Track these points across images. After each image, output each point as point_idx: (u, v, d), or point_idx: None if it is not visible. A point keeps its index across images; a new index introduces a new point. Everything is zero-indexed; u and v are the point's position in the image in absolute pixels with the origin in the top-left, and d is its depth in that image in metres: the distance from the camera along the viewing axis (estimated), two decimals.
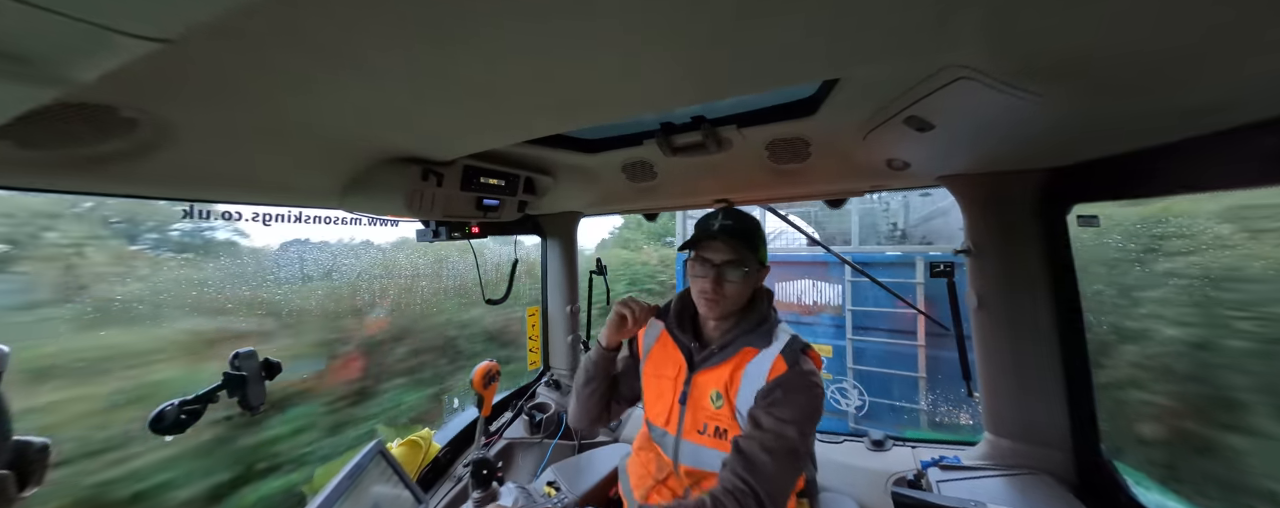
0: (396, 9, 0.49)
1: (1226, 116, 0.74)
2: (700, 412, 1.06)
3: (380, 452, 1.13)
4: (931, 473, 1.33)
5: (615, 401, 1.26)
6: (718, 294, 1.01)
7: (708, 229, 1.02)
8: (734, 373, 1.02)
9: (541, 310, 2.27)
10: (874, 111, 1.04)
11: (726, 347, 1.04)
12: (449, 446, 1.67)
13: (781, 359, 0.98)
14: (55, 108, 0.60)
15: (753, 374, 0.99)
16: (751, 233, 1.03)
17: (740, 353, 1.03)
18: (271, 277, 2.82)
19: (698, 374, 1.07)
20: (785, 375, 0.96)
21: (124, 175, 0.82)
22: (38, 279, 2.10)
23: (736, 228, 1.01)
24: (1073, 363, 1.24)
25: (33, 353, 1.88)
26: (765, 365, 0.98)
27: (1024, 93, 0.72)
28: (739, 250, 1.00)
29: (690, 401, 1.07)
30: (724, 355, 1.04)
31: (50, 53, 0.37)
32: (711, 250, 1.02)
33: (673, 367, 1.12)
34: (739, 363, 1.02)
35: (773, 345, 1.01)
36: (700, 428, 1.05)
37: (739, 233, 1.01)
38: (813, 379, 0.97)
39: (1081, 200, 1.19)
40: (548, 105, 0.83)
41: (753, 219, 1.05)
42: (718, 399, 1.03)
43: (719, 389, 1.03)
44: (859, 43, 0.61)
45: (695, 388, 1.07)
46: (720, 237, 1.00)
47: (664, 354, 1.16)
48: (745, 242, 1.00)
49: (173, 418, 0.89)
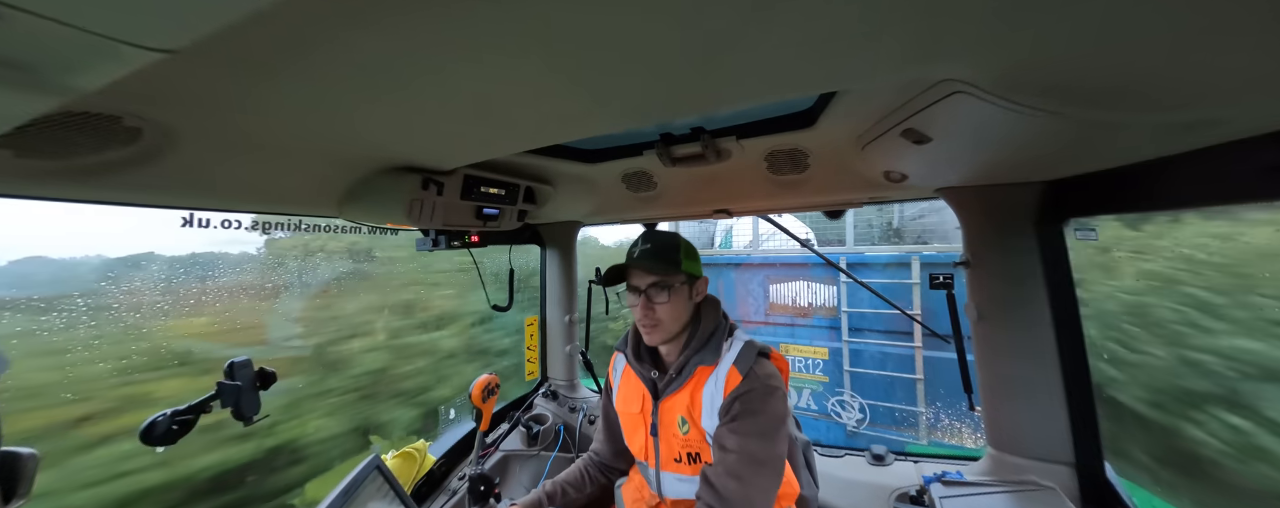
0: (399, 22, 0.49)
1: (1221, 131, 0.75)
2: (673, 440, 1.05)
3: (377, 467, 1.11)
4: (934, 489, 1.31)
5: (617, 455, 1.26)
6: (652, 318, 1.02)
7: (630, 257, 1.05)
8: (693, 395, 1.01)
9: (540, 320, 2.26)
10: (871, 124, 1.05)
11: (682, 370, 1.04)
12: (444, 458, 1.64)
13: (735, 370, 0.98)
14: (57, 116, 0.61)
15: (711, 392, 0.99)
16: (672, 249, 1.04)
17: (696, 374, 1.03)
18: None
19: (662, 402, 1.06)
20: (741, 386, 0.95)
21: (123, 184, 0.82)
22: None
23: (654, 249, 1.03)
24: (1073, 376, 1.23)
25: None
26: (721, 381, 0.98)
27: (1019, 106, 0.72)
28: (660, 271, 1.01)
29: (661, 431, 1.07)
30: (681, 380, 1.04)
31: (56, 62, 0.37)
32: (636, 277, 1.04)
33: (638, 399, 1.12)
34: (697, 384, 1.02)
35: (724, 359, 1.01)
36: (676, 457, 1.05)
37: (657, 253, 1.03)
38: (770, 383, 0.96)
39: (1079, 213, 1.20)
40: (548, 116, 0.83)
41: (673, 235, 1.07)
42: (684, 425, 1.03)
43: (683, 415, 1.03)
44: (854, 58, 0.62)
45: (663, 416, 1.07)
46: (640, 262, 1.02)
47: (629, 388, 1.16)
48: (665, 260, 1.02)
49: (164, 428, 0.88)
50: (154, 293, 2.50)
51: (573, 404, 2.10)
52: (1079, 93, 0.68)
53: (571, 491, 1.18)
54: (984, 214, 1.33)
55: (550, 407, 2.09)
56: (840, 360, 4.50)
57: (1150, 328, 2.84)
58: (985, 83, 0.69)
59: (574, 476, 1.22)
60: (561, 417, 2.04)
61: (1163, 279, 2.93)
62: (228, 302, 2.80)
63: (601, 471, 1.25)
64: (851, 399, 4.45)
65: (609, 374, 1.26)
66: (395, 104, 0.74)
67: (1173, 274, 2.88)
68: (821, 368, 4.65)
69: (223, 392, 0.97)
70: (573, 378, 2.25)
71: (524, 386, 2.26)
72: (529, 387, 2.24)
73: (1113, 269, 3.09)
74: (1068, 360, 1.23)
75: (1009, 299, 1.30)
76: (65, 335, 2.08)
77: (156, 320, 2.47)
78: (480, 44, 0.55)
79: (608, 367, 1.28)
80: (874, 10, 0.50)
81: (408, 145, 1.00)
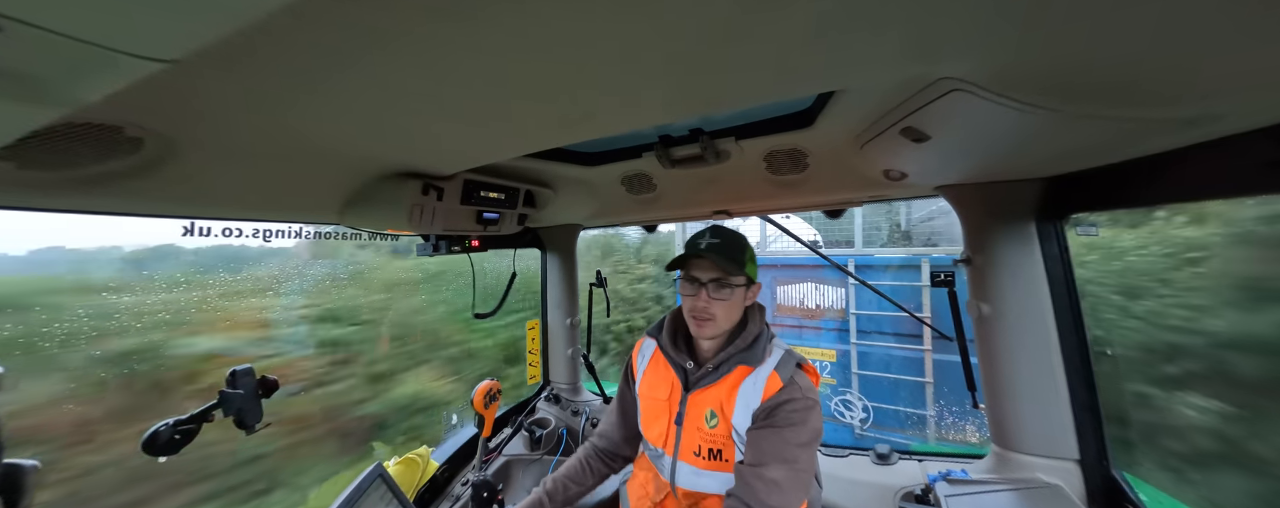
0: (400, 29, 0.50)
1: (1219, 126, 0.75)
2: (696, 433, 1.04)
3: (380, 475, 1.11)
4: (939, 488, 1.31)
5: (626, 441, 1.25)
6: (708, 312, 1.01)
7: (696, 247, 1.03)
8: (729, 393, 1.01)
9: (541, 324, 2.26)
10: (870, 123, 1.05)
11: (721, 366, 1.03)
12: (447, 464, 1.64)
13: (776, 376, 0.97)
14: (59, 128, 0.61)
15: (748, 393, 0.98)
16: (739, 249, 1.03)
17: (735, 372, 1.02)
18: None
19: (693, 394, 1.06)
20: (781, 393, 0.95)
21: (125, 194, 0.82)
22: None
23: (723, 245, 1.02)
24: (1076, 373, 1.23)
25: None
26: (760, 384, 0.98)
27: (1017, 104, 0.72)
28: (726, 268, 1.00)
29: (686, 421, 1.06)
30: (718, 375, 1.03)
31: (56, 74, 0.37)
32: (699, 269, 1.03)
33: (666, 387, 1.11)
34: (734, 382, 1.01)
35: (766, 363, 1.00)
36: (696, 450, 1.04)
37: (725, 250, 1.01)
38: (811, 396, 0.96)
39: (1079, 209, 1.20)
40: (548, 120, 0.84)
41: (740, 236, 1.06)
42: (713, 419, 1.02)
43: (714, 409, 1.02)
44: (852, 57, 0.62)
45: (690, 408, 1.06)
46: (707, 254, 1.00)
47: (657, 374, 1.14)
48: (732, 259, 1.01)
49: (166, 438, 0.88)
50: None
51: (575, 408, 2.10)
52: (1077, 90, 0.68)
53: (572, 485, 1.17)
54: (984, 211, 1.33)
55: (552, 410, 2.09)
56: (848, 363, 4.47)
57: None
58: (983, 80, 0.69)
59: (574, 469, 1.20)
60: (564, 420, 2.04)
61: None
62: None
63: (603, 460, 1.23)
64: (856, 399, 4.43)
65: (634, 359, 1.23)
66: (396, 111, 0.74)
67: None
68: (829, 370, 4.62)
69: (225, 400, 0.97)
70: (575, 381, 2.25)
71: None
72: (531, 391, 2.24)
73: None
74: (1070, 357, 1.23)
75: (1010, 296, 1.30)
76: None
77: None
78: (479, 49, 0.55)
79: (632, 353, 1.25)
80: (873, 8, 0.50)
81: (408, 151, 1.00)
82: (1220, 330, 2.37)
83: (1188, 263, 2.64)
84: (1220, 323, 2.40)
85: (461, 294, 3.61)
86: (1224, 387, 2.29)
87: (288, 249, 3.43)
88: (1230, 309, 2.39)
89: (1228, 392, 2.28)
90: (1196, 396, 2.39)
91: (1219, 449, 2.24)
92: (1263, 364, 2.18)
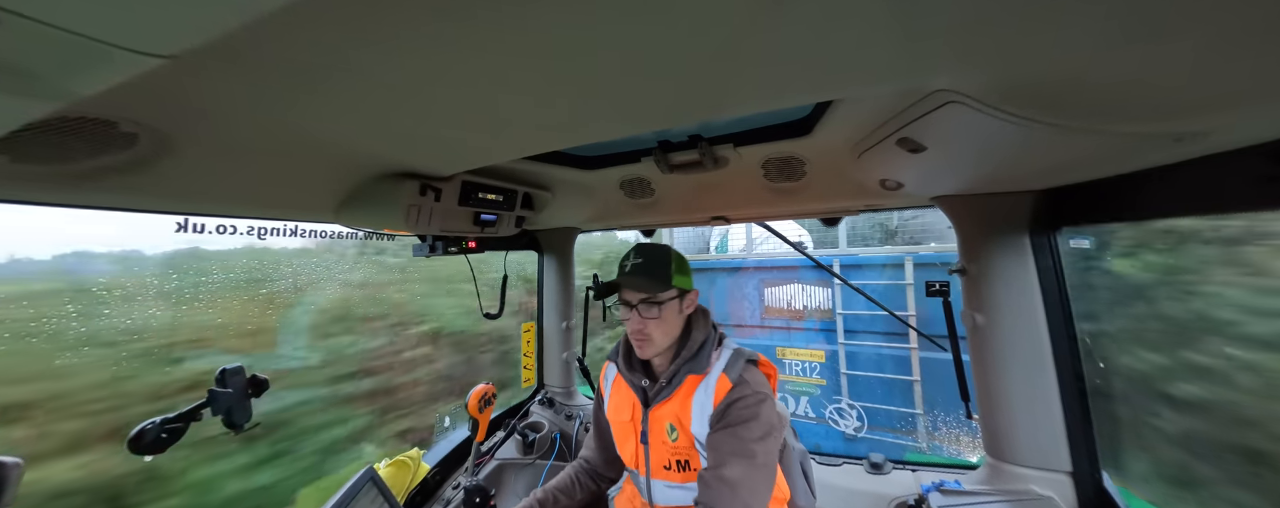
0: (397, 29, 0.50)
1: (1210, 142, 0.76)
2: (662, 448, 1.06)
3: (371, 478, 1.10)
4: (933, 498, 1.31)
5: (608, 464, 1.26)
6: (644, 333, 1.04)
7: (621, 271, 1.07)
8: (684, 403, 1.03)
9: (537, 326, 2.25)
10: (867, 133, 1.06)
11: (672, 379, 1.05)
12: (438, 466, 1.62)
13: (724, 378, 1.00)
14: (53, 121, 0.60)
15: (701, 400, 1.01)
16: (662, 264, 1.06)
17: (686, 382, 1.04)
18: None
19: (652, 410, 1.08)
20: (731, 394, 0.97)
21: (119, 189, 0.82)
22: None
23: (645, 264, 1.05)
24: (1069, 385, 1.23)
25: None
26: (711, 389, 1.00)
27: (1012, 117, 0.73)
28: (650, 287, 1.03)
29: (651, 438, 1.08)
30: (671, 389, 1.05)
31: (51, 67, 0.37)
32: (628, 292, 1.06)
33: (628, 408, 1.13)
34: (687, 393, 1.03)
35: (714, 368, 1.03)
36: (666, 464, 1.05)
37: (647, 269, 1.05)
38: (761, 390, 0.98)
39: (1073, 223, 1.21)
40: (547, 123, 0.84)
41: (662, 251, 1.08)
42: (673, 432, 1.04)
43: (672, 422, 1.04)
44: (850, 69, 0.63)
45: (653, 424, 1.08)
46: (630, 277, 1.04)
47: (620, 396, 1.17)
48: (655, 277, 1.04)
49: (153, 436, 0.87)
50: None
51: (569, 412, 2.08)
52: (1071, 104, 0.69)
53: (562, 497, 1.17)
54: (979, 223, 1.34)
55: (546, 414, 2.07)
56: (836, 363, 4.47)
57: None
58: (979, 93, 0.70)
59: (565, 482, 1.21)
60: (557, 425, 2.02)
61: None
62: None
63: (592, 478, 1.25)
64: (849, 407, 4.43)
65: (600, 383, 1.26)
66: (394, 111, 0.74)
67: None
68: (818, 371, 4.62)
69: (214, 399, 0.96)
70: (569, 385, 2.23)
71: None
72: (525, 394, 2.22)
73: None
74: (1063, 369, 1.24)
75: (1004, 307, 1.30)
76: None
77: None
78: (480, 51, 0.55)
79: (599, 377, 1.28)
80: (871, 19, 0.51)
81: (406, 152, 1.00)
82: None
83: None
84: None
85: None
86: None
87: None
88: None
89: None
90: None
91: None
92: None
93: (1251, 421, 1.87)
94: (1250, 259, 2.19)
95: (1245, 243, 2.07)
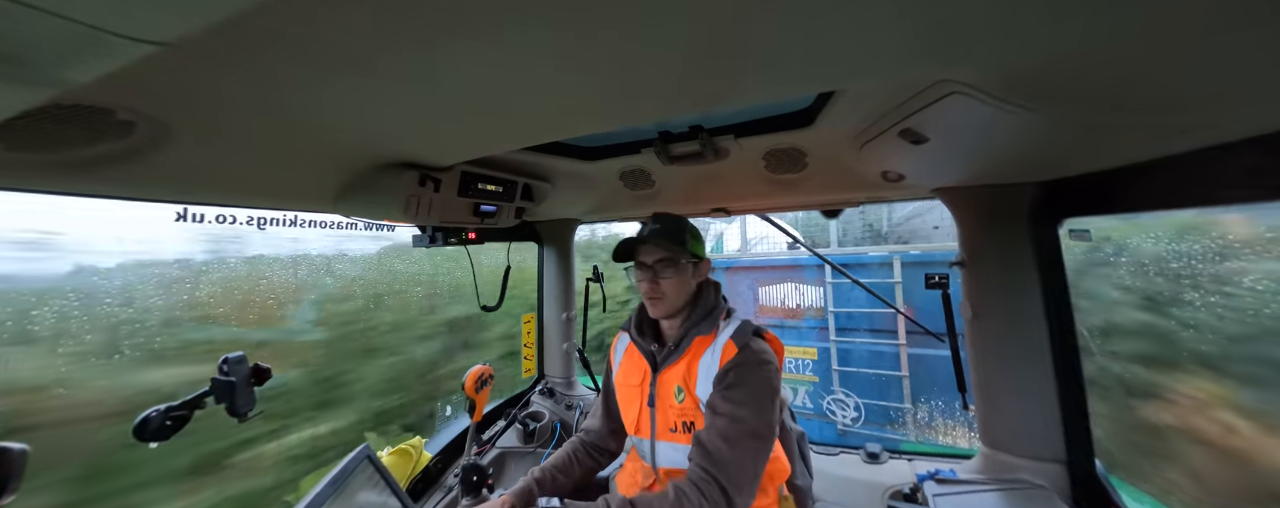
0: (396, 17, 0.49)
1: (1211, 134, 0.75)
2: (669, 411, 1.08)
3: (367, 457, 1.11)
4: (928, 487, 1.32)
5: (611, 434, 1.28)
6: (658, 292, 1.08)
7: (640, 235, 1.12)
8: (691, 365, 1.06)
9: (537, 317, 2.26)
10: (869, 124, 1.05)
11: (680, 342, 1.09)
12: (440, 455, 1.64)
13: (732, 343, 1.02)
14: (48, 109, 0.60)
15: (707, 362, 1.04)
16: (680, 231, 1.12)
17: (694, 345, 1.08)
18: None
19: (661, 374, 1.11)
20: (736, 358, 1.00)
21: (117, 178, 0.82)
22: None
23: (664, 229, 1.11)
24: (1066, 376, 1.24)
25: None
26: (717, 352, 1.03)
27: (1015, 108, 0.73)
28: (669, 248, 1.08)
29: (658, 401, 1.11)
30: (680, 351, 1.09)
31: (46, 54, 0.36)
32: (644, 254, 1.11)
33: (638, 373, 1.16)
34: (694, 355, 1.07)
35: (723, 332, 1.06)
36: (671, 426, 1.08)
37: (666, 233, 1.10)
38: (764, 357, 1.01)
39: (1073, 214, 1.21)
40: (547, 113, 0.83)
41: (679, 220, 1.14)
42: (680, 394, 1.07)
43: (680, 384, 1.07)
44: (852, 58, 0.62)
45: (660, 388, 1.11)
46: (649, 240, 1.09)
47: (630, 363, 1.20)
48: (674, 239, 1.09)
49: (157, 424, 0.88)
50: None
51: (569, 402, 2.10)
52: (1074, 96, 0.68)
53: (560, 475, 1.19)
54: (980, 214, 1.34)
55: (547, 404, 2.09)
56: (829, 360, 4.57)
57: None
58: (982, 84, 0.69)
59: (562, 460, 1.23)
60: (558, 414, 2.05)
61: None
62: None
63: (590, 453, 1.26)
64: (846, 398, 4.49)
65: (611, 354, 1.30)
66: (393, 99, 0.74)
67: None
68: (812, 368, 4.72)
69: (217, 388, 0.97)
70: (570, 375, 2.25)
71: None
72: (525, 384, 2.24)
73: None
74: (1060, 360, 1.24)
75: (1003, 299, 1.31)
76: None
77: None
78: (480, 40, 0.55)
79: (610, 349, 1.31)
80: (875, 9, 0.50)
81: (405, 141, 0.99)
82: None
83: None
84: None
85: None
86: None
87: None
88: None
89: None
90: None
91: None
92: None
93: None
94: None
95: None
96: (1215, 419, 2.17)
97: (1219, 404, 2.19)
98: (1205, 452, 2.18)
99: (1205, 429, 2.21)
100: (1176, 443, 2.30)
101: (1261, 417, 2.07)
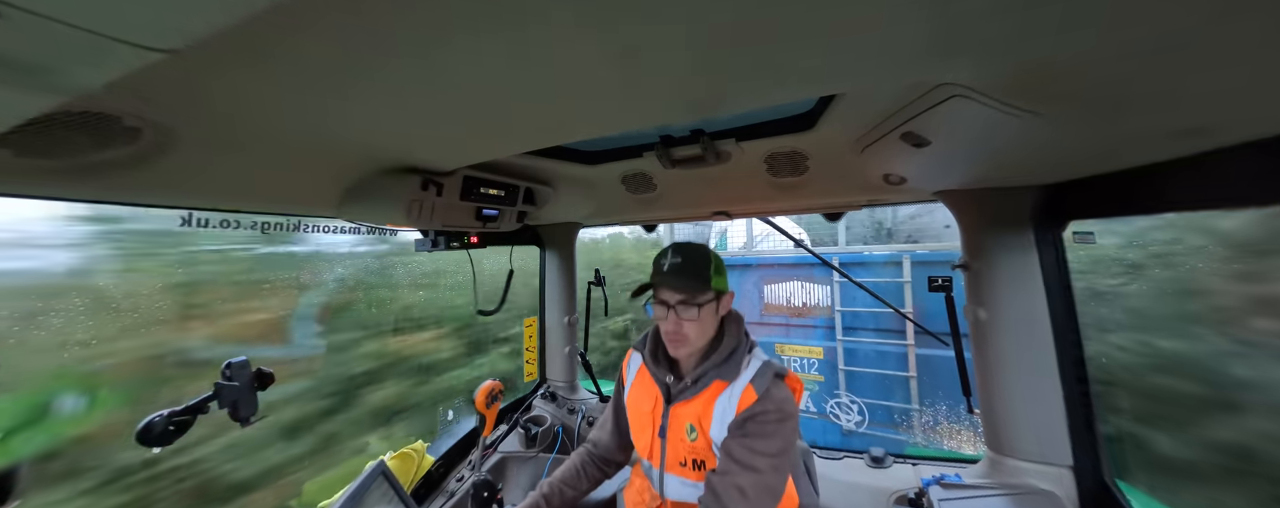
0: (399, 24, 0.49)
1: (1214, 138, 0.75)
2: (679, 445, 1.06)
3: (382, 472, 1.11)
4: (933, 492, 1.31)
5: (620, 448, 1.26)
6: (680, 334, 1.02)
7: (659, 270, 1.04)
8: (706, 406, 1.02)
9: (539, 321, 2.26)
10: (871, 127, 1.05)
11: (698, 381, 1.04)
12: (443, 459, 1.64)
13: (751, 389, 0.98)
14: (57, 116, 0.60)
15: (723, 407, 1.00)
16: (703, 265, 1.03)
17: (711, 386, 1.03)
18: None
19: (674, 407, 1.07)
20: (755, 406, 0.96)
21: (123, 183, 0.82)
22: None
23: (685, 264, 1.02)
24: (1072, 380, 1.23)
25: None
26: (735, 398, 0.99)
27: (1017, 111, 0.72)
28: (690, 288, 1.01)
29: (669, 434, 1.08)
30: (697, 389, 1.04)
31: (56, 61, 0.37)
32: (665, 292, 1.03)
33: (650, 400, 1.12)
34: (711, 397, 1.02)
35: (742, 377, 1.01)
36: (681, 461, 1.05)
37: (686, 270, 1.02)
38: (786, 408, 0.97)
39: (1077, 217, 1.20)
40: (548, 118, 0.84)
41: (702, 252, 1.05)
42: (692, 432, 1.04)
43: (693, 423, 1.04)
44: (854, 62, 0.62)
45: (672, 420, 1.07)
46: (670, 277, 1.01)
47: (643, 387, 1.16)
48: (696, 277, 1.01)
49: (160, 429, 0.88)
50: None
51: (571, 406, 2.10)
52: (1077, 99, 0.68)
53: (568, 489, 1.18)
54: (983, 217, 1.33)
55: (549, 408, 2.08)
56: (835, 360, 4.51)
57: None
58: (984, 87, 0.69)
59: (570, 473, 1.21)
60: (560, 419, 2.04)
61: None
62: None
63: (598, 465, 1.25)
64: (850, 402, 4.45)
65: (623, 370, 1.26)
66: (396, 106, 0.74)
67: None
68: (817, 367, 4.66)
69: (221, 392, 0.97)
70: (572, 380, 2.25)
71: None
72: (527, 389, 2.24)
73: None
74: (1066, 364, 1.23)
75: (1007, 302, 1.30)
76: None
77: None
78: (481, 49, 0.55)
79: (622, 364, 1.28)
80: (878, 13, 0.50)
81: (407, 146, 1.00)
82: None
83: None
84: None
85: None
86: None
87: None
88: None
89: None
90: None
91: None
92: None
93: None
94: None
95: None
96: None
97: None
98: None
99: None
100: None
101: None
